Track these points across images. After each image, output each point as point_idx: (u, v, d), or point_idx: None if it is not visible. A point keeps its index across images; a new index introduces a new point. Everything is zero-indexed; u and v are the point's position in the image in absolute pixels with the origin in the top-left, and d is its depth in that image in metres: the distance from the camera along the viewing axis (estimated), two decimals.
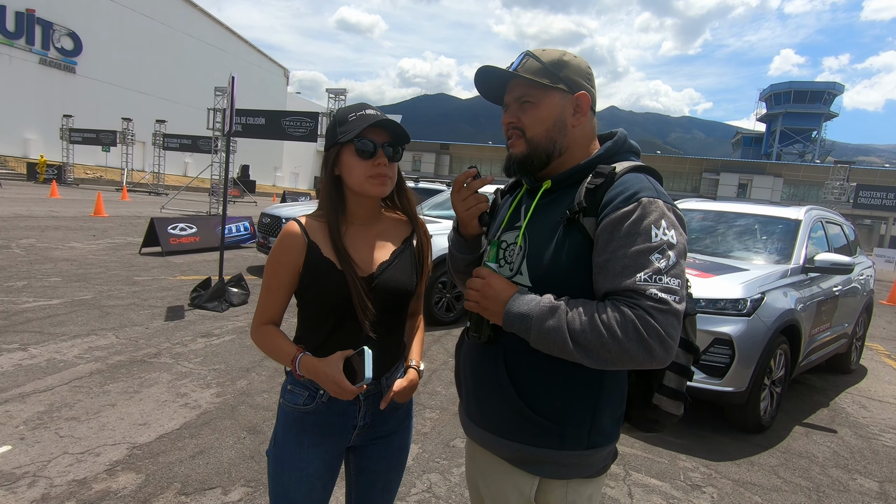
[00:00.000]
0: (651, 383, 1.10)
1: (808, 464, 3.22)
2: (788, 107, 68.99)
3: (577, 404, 1.05)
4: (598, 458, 1.10)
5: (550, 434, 1.05)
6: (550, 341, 0.97)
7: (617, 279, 0.96)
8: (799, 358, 3.90)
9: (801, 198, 47.15)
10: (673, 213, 1.02)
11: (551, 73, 1.09)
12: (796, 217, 4.53)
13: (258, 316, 1.28)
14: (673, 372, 1.08)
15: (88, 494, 2.27)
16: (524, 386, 1.07)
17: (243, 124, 13.36)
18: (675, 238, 0.98)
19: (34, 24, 31.27)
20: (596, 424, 1.06)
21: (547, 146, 1.11)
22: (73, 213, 13.18)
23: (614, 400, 1.09)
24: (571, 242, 1.04)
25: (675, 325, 0.93)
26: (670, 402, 1.10)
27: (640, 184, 1.03)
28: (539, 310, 0.98)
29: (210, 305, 5.51)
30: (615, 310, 0.94)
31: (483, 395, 1.15)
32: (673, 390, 1.09)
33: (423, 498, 2.47)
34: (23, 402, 3.06)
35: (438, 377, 4.11)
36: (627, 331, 0.91)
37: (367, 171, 1.21)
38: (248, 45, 48.69)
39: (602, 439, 1.08)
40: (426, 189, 8.49)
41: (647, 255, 0.95)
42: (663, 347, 0.91)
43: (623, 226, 0.98)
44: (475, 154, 59.28)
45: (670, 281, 0.94)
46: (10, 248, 7.75)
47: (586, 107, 1.11)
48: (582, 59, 1.14)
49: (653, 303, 0.92)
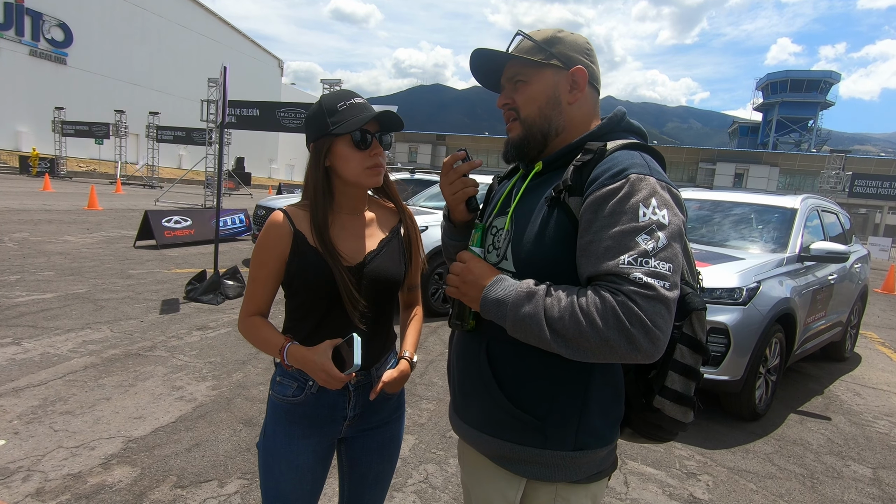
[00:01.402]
0: (652, 384, 1.00)
1: (803, 451, 3.24)
2: (785, 96, 68.88)
3: (562, 400, 0.98)
4: (589, 462, 1.00)
5: (534, 431, 0.99)
6: (527, 329, 0.89)
7: (599, 262, 0.87)
8: (794, 346, 3.91)
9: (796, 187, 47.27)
10: (667, 192, 0.93)
11: (544, 50, 1.04)
12: (792, 206, 4.52)
13: (245, 307, 1.26)
14: (677, 373, 0.97)
15: (83, 488, 2.26)
16: (506, 378, 1.01)
17: (238, 116, 13.24)
18: (668, 218, 0.88)
19: (23, 15, 30.83)
20: (584, 423, 0.98)
21: (542, 125, 1.05)
22: (67, 207, 13.08)
23: (606, 398, 1.00)
24: (556, 224, 0.96)
25: (662, 313, 0.82)
26: (674, 407, 0.99)
27: (630, 160, 0.94)
28: (515, 295, 0.91)
29: (205, 298, 5.49)
30: (596, 295, 0.84)
31: (467, 388, 1.10)
32: (677, 393, 0.98)
33: (419, 489, 2.47)
34: (17, 396, 3.04)
35: (435, 368, 4.11)
36: (607, 318, 0.82)
37: (363, 161, 1.20)
38: (241, 35, 48.17)
39: (592, 441, 0.99)
40: (422, 180, 8.45)
41: (633, 236, 0.86)
42: (648, 338, 0.81)
43: (608, 204, 0.89)
44: (471, 145, 59.07)
45: (659, 264, 0.84)
46: (3, 241, 7.69)
47: (583, 82, 1.04)
48: (580, 35, 1.07)
49: (636, 287, 0.82)
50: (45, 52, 32.20)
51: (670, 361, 0.97)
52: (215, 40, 43.83)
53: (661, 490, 2.65)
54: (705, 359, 0.99)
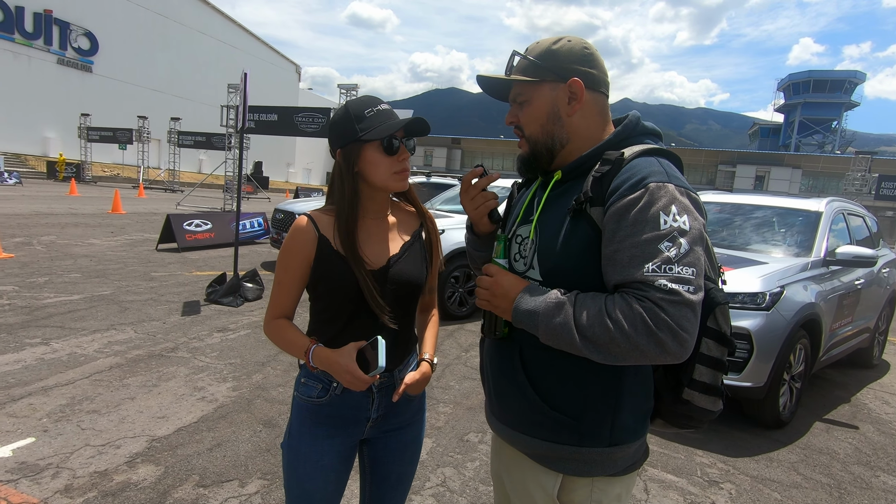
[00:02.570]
0: (680, 377, 1.05)
1: (829, 460, 3.16)
2: (807, 96, 67.41)
3: (595, 399, 1.02)
4: (623, 456, 1.06)
5: (569, 430, 1.03)
6: (559, 338, 0.94)
7: (624, 271, 0.92)
8: (819, 353, 3.82)
9: (820, 189, 46.17)
10: (686, 197, 0.96)
11: (538, 67, 1.07)
12: (817, 209, 4.43)
13: (271, 310, 1.29)
14: (705, 365, 1.02)
15: (110, 486, 2.31)
16: (541, 381, 1.06)
17: (256, 121, 13.44)
18: (688, 224, 0.93)
19: (52, 25, 31.83)
20: (618, 420, 1.03)
21: (545, 141, 1.09)
22: (92, 211, 13.43)
23: (637, 395, 1.05)
24: (579, 234, 1.00)
25: (689, 316, 0.87)
26: (703, 398, 1.03)
27: (648, 168, 0.97)
28: (545, 306, 0.96)
29: (225, 300, 5.58)
30: (623, 303, 0.90)
31: (502, 391, 1.14)
32: (705, 385, 1.03)
33: (437, 492, 2.48)
34: (45, 395, 3.13)
35: (452, 371, 4.12)
36: (636, 325, 0.87)
37: (392, 167, 1.23)
38: (260, 41, 48.97)
39: (626, 436, 1.05)
40: (438, 184, 8.47)
41: (656, 244, 0.91)
42: (676, 341, 0.86)
43: (630, 214, 0.93)
44: (486, 148, 59.02)
45: (682, 270, 0.89)
46: (32, 244, 7.92)
47: (580, 92, 1.06)
48: (578, 42, 1.08)
49: (662, 294, 0.87)
50: (72, 61, 33.18)
51: (697, 355, 1.00)
52: (234, 47, 44.65)
53: (682, 498, 2.61)
54: (730, 350, 1.03)
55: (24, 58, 30.74)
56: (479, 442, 2.99)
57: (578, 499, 1.06)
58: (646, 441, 1.13)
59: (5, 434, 2.66)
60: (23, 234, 8.69)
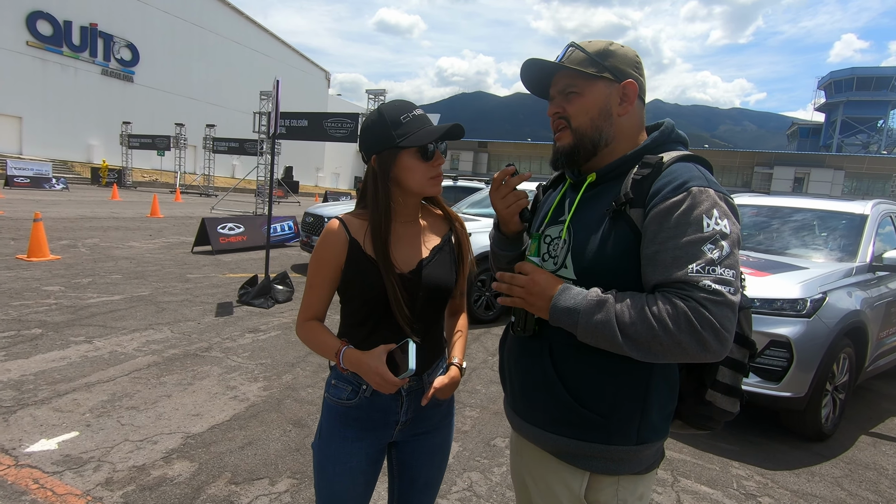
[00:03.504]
0: (703, 378, 1.07)
1: (877, 476, 3.00)
2: (850, 95, 64.57)
3: (625, 398, 1.03)
4: (649, 454, 1.07)
5: (598, 428, 1.04)
6: (599, 335, 0.95)
7: (668, 270, 0.93)
8: (865, 362, 3.64)
9: (864, 192, 44.10)
10: (725, 203, 0.99)
11: (596, 63, 1.08)
12: (862, 212, 4.23)
13: (303, 312, 1.30)
14: (727, 367, 1.05)
15: (147, 480, 2.39)
16: (571, 379, 1.06)
17: (287, 126, 13.76)
18: (729, 227, 0.95)
19: (97, 38, 33.46)
20: (645, 419, 1.04)
21: (593, 135, 1.09)
22: (132, 214, 13.99)
23: (664, 394, 1.06)
24: (618, 234, 1.01)
25: (730, 316, 0.90)
26: (725, 399, 1.06)
27: (688, 173, 1.00)
28: (587, 304, 0.96)
29: (257, 302, 5.71)
30: (666, 302, 0.91)
31: (529, 390, 1.14)
32: (727, 386, 1.06)
33: (464, 496, 2.47)
34: (88, 391, 3.27)
35: (478, 375, 4.10)
36: (680, 323, 0.89)
37: (428, 172, 1.24)
38: (291, 49, 50.20)
39: (652, 434, 1.06)
40: (465, 187, 8.48)
41: (700, 246, 0.92)
42: (718, 340, 0.88)
43: (673, 216, 0.95)
44: (514, 151, 58.76)
45: (724, 272, 0.91)
46: (77, 247, 8.31)
47: (633, 95, 1.09)
48: (629, 49, 1.12)
49: (706, 294, 0.89)
50: (115, 71, 34.78)
51: None
52: (266, 55, 45.92)
53: None
54: (752, 353, 1.06)
55: (70, 69, 32.39)
56: (506, 447, 2.96)
57: (604, 498, 1.06)
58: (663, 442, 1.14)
59: (52, 427, 2.79)
60: (69, 237, 9.12)
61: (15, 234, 8.92)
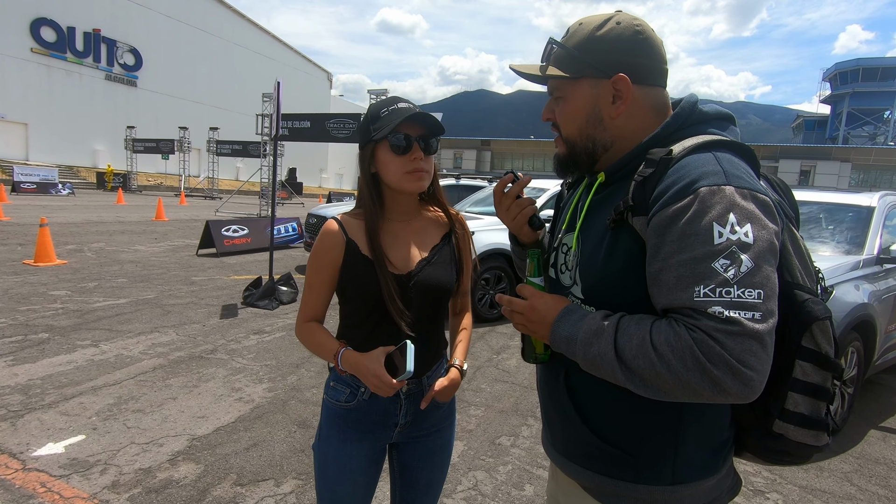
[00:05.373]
0: (769, 407, 0.87)
1: (887, 471, 2.97)
2: (856, 86, 63.88)
3: (653, 430, 0.89)
4: (692, 495, 0.90)
5: (624, 465, 0.90)
6: (599, 368, 0.82)
7: (671, 294, 0.77)
8: (873, 356, 3.60)
9: (872, 184, 43.67)
10: (752, 201, 0.79)
11: (576, 61, 0.92)
12: (869, 204, 4.18)
13: (302, 313, 1.30)
14: (800, 393, 0.84)
15: (153, 482, 2.40)
16: (588, 410, 0.94)
17: (289, 128, 13.78)
18: (752, 235, 0.75)
19: (100, 43, 33.67)
20: (680, 455, 0.88)
21: (584, 145, 0.96)
22: (137, 218, 14.08)
23: (704, 425, 0.90)
24: (621, 247, 0.87)
25: (754, 350, 0.71)
26: (801, 431, 0.86)
27: (700, 168, 0.80)
28: (584, 333, 0.84)
29: (261, 304, 5.73)
30: (671, 332, 0.75)
31: (551, 416, 1.04)
32: (803, 416, 0.85)
33: (469, 496, 2.46)
34: (95, 394, 3.28)
35: (483, 374, 4.09)
36: (684, 359, 0.73)
37: (403, 166, 1.20)
38: (293, 51, 50.33)
39: (692, 473, 0.89)
40: (468, 186, 8.47)
41: (709, 262, 0.75)
42: (738, 380, 0.71)
43: (675, 226, 0.78)
44: (517, 149, 58.63)
45: (744, 293, 0.73)
46: (83, 251, 8.36)
47: (627, 91, 0.90)
48: (628, 23, 0.91)
49: (717, 324, 0.72)
50: (119, 76, 34.99)
51: (790, 381, 0.85)
52: (269, 57, 46.06)
53: None
54: (836, 375, 0.86)
55: (75, 75, 32.62)
56: (511, 446, 2.96)
57: None
58: (729, 476, 0.97)
59: (59, 431, 2.80)
60: (75, 242, 9.19)
61: (22, 240, 9.00)
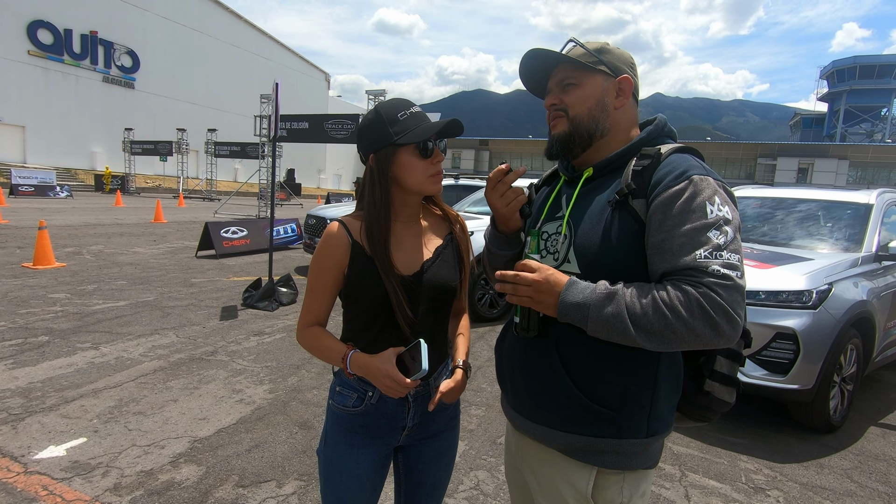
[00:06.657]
0: (702, 369, 1.08)
1: (887, 467, 2.98)
2: (853, 83, 63.98)
3: (635, 390, 1.03)
4: (656, 448, 1.09)
5: (609, 422, 1.04)
6: (610, 328, 0.95)
7: (675, 258, 0.94)
8: (873, 353, 3.61)
9: (869, 181, 43.78)
10: (724, 190, 1.02)
11: (594, 57, 1.13)
12: (867, 201, 4.19)
13: (303, 318, 1.27)
14: (724, 357, 1.07)
15: (155, 485, 2.40)
16: (580, 375, 1.06)
17: (288, 129, 13.78)
18: (730, 213, 0.97)
19: (97, 45, 33.57)
20: (654, 410, 1.05)
21: (589, 125, 1.12)
22: (136, 220, 14.05)
23: (670, 384, 1.07)
24: (621, 226, 1.02)
25: (739, 301, 0.91)
26: (722, 389, 1.08)
27: (686, 162, 1.03)
28: (596, 297, 0.96)
29: (261, 305, 5.73)
30: (676, 289, 0.92)
31: (535, 389, 1.12)
32: (725, 376, 1.07)
33: (471, 495, 2.46)
34: (95, 397, 3.28)
35: (483, 374, 4.10)
36: (693, 310, 0.89)
37: (427, 170, 1.21)
38: (290, 52, 50.27)
39: (660, 426, 1.07)
40: (466, 186, 8.47)
41: (705, 232, 0.94)
42: (730, 324, 0.89)
43: (676, 204, 0.97)
44: (515, 148, 58.64)
45: (731, 256, 0.93)
46: (82, 254, 8.35)
47: (629, 90, 1.13)
48: (625, 51, 1.17)
49: (716, 279, 0.90)
50: (116, 78, 34.90)
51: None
52: (266, 58, 45.99)
53: None
54: (747, 342, 1.07)
55: (72, 77, 32.52)
56: None
57: (610, 495, 1.07)
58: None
59: (60, 434, 2.80)
60: (74, 245, 9.17)
61: (20, 243, 8.98)
